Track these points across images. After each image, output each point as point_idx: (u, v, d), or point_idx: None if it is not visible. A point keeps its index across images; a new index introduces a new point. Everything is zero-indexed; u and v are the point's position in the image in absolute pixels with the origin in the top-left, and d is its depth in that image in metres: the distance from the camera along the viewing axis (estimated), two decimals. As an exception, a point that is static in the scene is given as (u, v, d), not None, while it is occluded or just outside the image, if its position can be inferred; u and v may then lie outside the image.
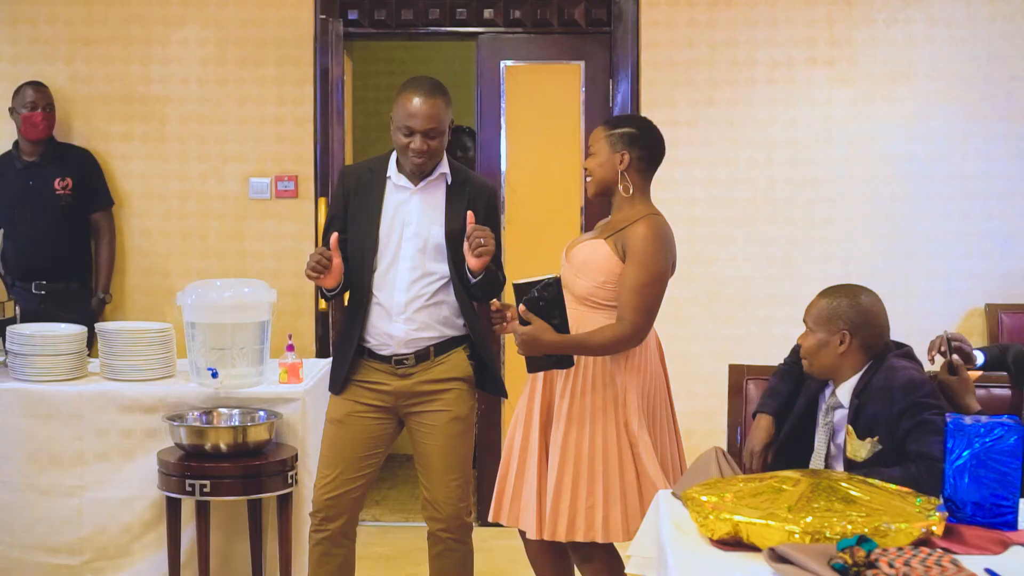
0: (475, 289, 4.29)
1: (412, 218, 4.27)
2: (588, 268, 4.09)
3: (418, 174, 4.28)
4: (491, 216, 4.38)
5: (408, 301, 4.25)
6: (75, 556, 5.02)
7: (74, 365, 5.10)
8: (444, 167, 4.32)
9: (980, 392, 3.96)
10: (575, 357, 4.04)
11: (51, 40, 6.38)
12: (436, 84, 4.29)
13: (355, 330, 4.31)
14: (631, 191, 4.14)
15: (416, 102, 4.20)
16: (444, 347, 4.34)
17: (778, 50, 6.26)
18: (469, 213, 4.19)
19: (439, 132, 4.22)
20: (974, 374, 3.96)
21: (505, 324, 4.15)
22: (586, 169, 4.23)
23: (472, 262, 4.17)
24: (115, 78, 6.38)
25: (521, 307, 3.97)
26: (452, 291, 4.30)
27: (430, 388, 4.32)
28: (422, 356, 4.30)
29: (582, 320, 4.06)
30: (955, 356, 3.85)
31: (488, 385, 4.46)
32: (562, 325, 3.98)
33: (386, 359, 4.30)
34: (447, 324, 4.33)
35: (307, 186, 6.30)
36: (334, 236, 4.19)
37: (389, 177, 4.32)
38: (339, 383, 4.35)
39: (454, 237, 4.25)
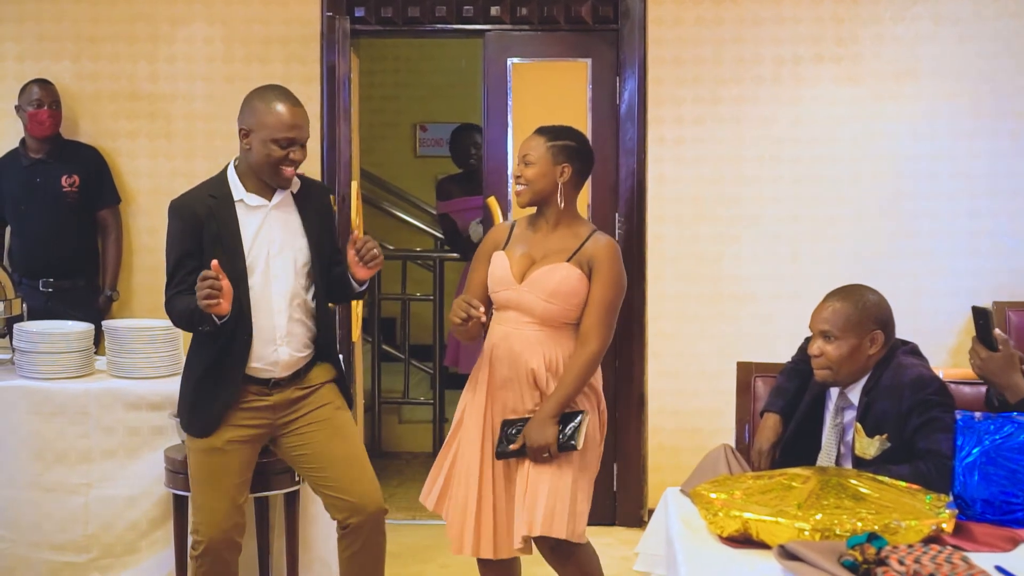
0: (360, 295, 4.31)
1: (276, 236, 4.15)
2: (562, 294, 4.13)
3: (282, 188, 4.16)
4: (328, 216, 4.33)
5: (287, 323, 4.16)
6: (81, 554, 5.02)
7: (81, 363, 5.10)
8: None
9: (969, 390, 3.83)
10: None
11: (57, 38, 6.37)
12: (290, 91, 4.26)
13: (236, 363, 4.13)
14: (563, 205, 4.20)
15: (293, 111, 4.10)
16: (311, 364, 4.27)
17: (784, 48, 6.24)
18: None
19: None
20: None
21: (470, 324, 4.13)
22: (520, 177, 4.19)
23: (362, 272, 4.13)
24: (121, 76, 6.38)
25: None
26: (318, 306, 4.23)
27: (303, 393, 4.24)
28: (296, 375, 4.23)
29: (547, 339, 4.15)
30: (997, 330, 3.41)
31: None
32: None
33: (263, 382, 4.18)
34: (314, 341, 4.26)
35: (313, 184, 6.30)
36: (215, 261, 3.92)
37: (241, 200, 4.15)
38: (212, 423, 4.16)
39: (318, 249, 4.20)
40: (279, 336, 4.15)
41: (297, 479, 4.73)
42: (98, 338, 5.34)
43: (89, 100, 6.38)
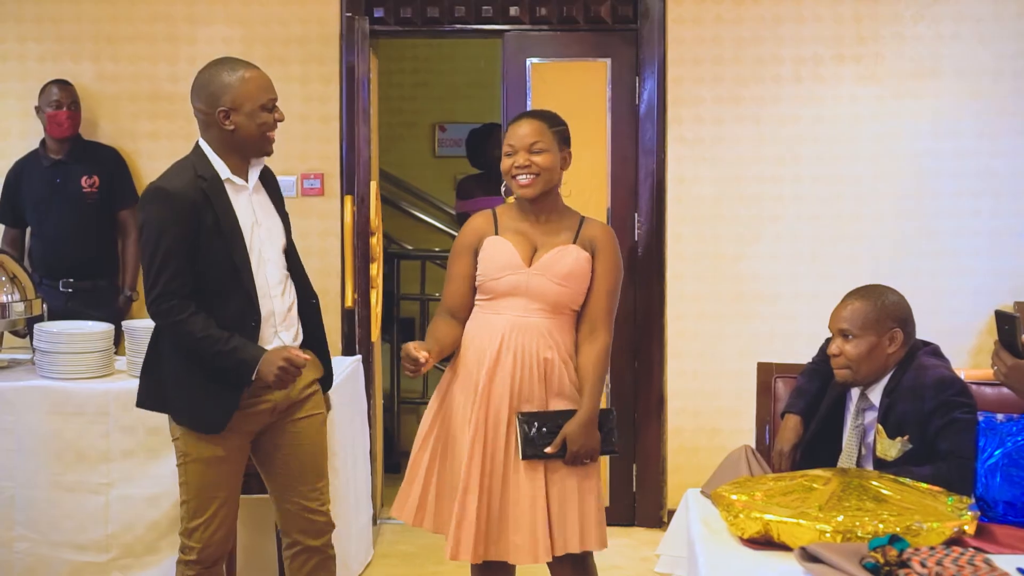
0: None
1: (261, 217, 3.96)
2: (575, 278, 3.98)
3: (267, 155, 3.97)
4: (279, 193, 4.12)
5: (286, 308, 4.00)
6: (102, 553, 5.03)
7: (101, 363, 5.11)
8: None
9: (991, 392, 3.82)
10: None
11: (77, 38, 6.39)
12: None
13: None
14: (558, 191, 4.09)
15: (260, 72, 3.95)
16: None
17: (804, 47, 6.23)
18: None
19: None
20: None
21: (420, 371, 3.90)
22: (530, 166, 3.98)
23: None
24: (141, 76, 6.39)
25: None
26: (298, 288, 4.09)
27: (303, 394, 4.05)
28: None
29: (556, 328, 3.97)
30: None
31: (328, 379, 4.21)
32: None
33: None
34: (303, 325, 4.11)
35: (333, 184, 6.30)
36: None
37: (228, 179, 3.90)
38: (221, 420, 3.90)
39: (286, 226, 4.09)
40: (278, 321, 3.98)
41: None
42: (118, 338, 5.35)
43: (109, 101, 6.39)
